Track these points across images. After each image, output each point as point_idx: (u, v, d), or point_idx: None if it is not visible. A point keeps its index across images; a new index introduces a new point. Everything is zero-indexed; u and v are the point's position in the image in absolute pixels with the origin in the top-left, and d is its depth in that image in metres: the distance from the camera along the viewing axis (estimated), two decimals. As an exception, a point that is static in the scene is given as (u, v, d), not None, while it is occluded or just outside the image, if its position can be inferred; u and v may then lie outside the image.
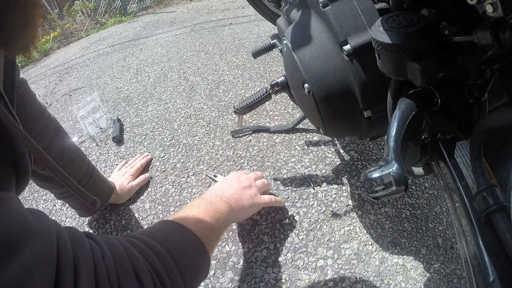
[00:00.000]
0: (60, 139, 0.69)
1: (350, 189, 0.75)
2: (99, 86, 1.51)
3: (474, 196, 0.31)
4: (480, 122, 0.30)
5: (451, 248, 0.64)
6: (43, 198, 0.97)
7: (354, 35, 0.47)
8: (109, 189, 0.80)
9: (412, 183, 0.76)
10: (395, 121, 0.36)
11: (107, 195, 0.80)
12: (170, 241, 0.41)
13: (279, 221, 0.72)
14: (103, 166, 1.01)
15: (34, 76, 1.99)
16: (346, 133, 0.67)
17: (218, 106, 1.12)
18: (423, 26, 0.34)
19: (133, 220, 0.81)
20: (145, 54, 1.74)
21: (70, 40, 2.84)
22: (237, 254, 0.68)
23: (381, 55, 0.37)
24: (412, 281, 0.59)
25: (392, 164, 0.33)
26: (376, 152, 0.84)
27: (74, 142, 0.73)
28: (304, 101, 0.59)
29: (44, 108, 0.67)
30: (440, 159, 0.37)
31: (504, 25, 0.25)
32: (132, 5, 3.32)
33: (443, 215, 0.70)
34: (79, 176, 0.72)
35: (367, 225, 0.68)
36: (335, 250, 0.65)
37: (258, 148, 0.90)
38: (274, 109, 1.03)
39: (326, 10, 0.49)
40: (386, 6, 0.49)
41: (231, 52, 1.48)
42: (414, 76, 0.34)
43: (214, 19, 2.01)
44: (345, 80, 0.51)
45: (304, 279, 0.61)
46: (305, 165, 0.82)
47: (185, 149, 0.97)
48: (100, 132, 1.16)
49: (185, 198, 0.82)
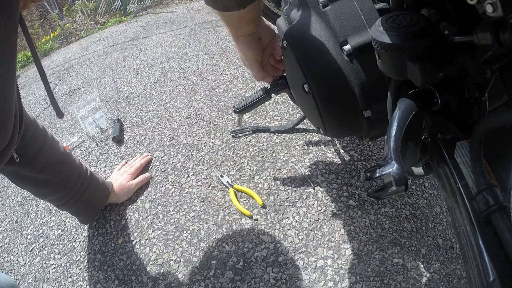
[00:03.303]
0: (49, 141, 0.70)
1: (350, 189, 0.75)
2: (99, 86, 1.51)
3: (474, 196, 0.31)
4: (480, 122, 0.30)
5: (451, 248, 0.64)
6: (43, 198, 0.97)
7: (354, 35, 0.47)
8: (106, 189, 0.81)
9: (412, 183, 0.76)
10: (395, 121, 0.36)
11: (105, 196, 0.81)
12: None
13: (279, 221, 0.72)
14: (103, 166, 1.01)
15: (34, 76, 1.99)
16: (346, 133, 0.67)
17: (218, 106, 1.12)
18: (423, 26, 0.34)
19: (133, 220, 0.81)
20: (145, 54, 1.74)
21: (70, 40, 2.84)
22: (237, 254, 0.68)
23: (381, 55, 0.37)
24: (412, 281, 0.59)
25: (392, 164, 0.32)
26: (376, 152, 0.84)
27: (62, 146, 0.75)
28: (304, 101, 0.59)
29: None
30: (440, 159, 0.37)
31: (504, 25, 0.25)
32: (132, 5, 3.32)
33: (443, 215, 0.70)
34: (74, 176, 0.72)
35: (367, 225, 0.68)
36: (335, 250, 0.65)
37: (258, 148, 0.90)
38: (274, 109, 1.03)
39: (326, 10, 0.49)
40: (386, 6, 0.49)
41: (231, 52, 1.48)
42: (414, 76, 0.34)
43: (214, 19, 2.01)
44: (345, 80, 0.50)
45: (304, 279, 0.61)
46: (305, 165, 0.82)
47: (185, 149, 0.97)
48: (100, 132, 1.16)
49: (185, 198, 0.82)
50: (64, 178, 0.70)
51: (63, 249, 0.81)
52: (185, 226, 0.76)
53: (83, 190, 0.74)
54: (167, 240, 0.74)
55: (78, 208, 0.76)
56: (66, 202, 0.73)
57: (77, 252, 0.79)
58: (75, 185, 0.72)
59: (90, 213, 0.80)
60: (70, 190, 0.71)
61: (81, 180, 0.73)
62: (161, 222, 0.78)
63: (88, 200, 0.77)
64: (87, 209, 0.79)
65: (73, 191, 0.72)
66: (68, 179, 0.71)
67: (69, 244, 0.81)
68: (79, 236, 0.82)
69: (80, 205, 0.76)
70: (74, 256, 0.78)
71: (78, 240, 0.81)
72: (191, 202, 0.81)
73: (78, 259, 0.77)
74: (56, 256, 0.80)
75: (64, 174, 0.70)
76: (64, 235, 0.84)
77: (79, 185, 0.73)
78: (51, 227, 0.87)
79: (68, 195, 0.72)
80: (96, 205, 0.80)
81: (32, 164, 0.64)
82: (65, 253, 0.80)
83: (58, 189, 0.70)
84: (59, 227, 0.86)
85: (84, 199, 0.75)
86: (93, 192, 0.77)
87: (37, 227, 0.89)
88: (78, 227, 0.84)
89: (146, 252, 0.73)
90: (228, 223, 0.74)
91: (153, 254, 0.72)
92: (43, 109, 1.48)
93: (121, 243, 0.77)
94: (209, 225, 0.74)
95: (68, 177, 0.71)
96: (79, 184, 0.73)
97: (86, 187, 0.75)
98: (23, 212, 0.96)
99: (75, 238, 0.82)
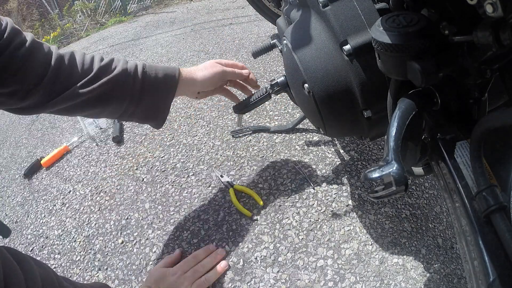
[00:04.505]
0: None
1: (350, 189, 0.75)
2: (99, 86, 1.50)
3: (474, 196, 0.31)
4: (480, 122, 0.30)
5: (451, 248, 0.64)
6: (43, 198, 0.97)
7: (354, 35, 0.47)
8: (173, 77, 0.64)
9: (412, 183, 0.76)
10: (395, 121, 0.36)
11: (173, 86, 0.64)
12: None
13: (279, 221, 0.72)
14: (103, 166, 1.01)
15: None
16: (346, 133, 0.67)
17: (218, 106, 1.12)
18: (423, 26, 0.34)
19: (133, 220, 0.81)
20: (145, 54, 1.74)
21: (70, 40, 2.84)
22: (237, 254, 0.68)
23: (381, 55, 0.37)
24: (412, 281, 0.59)
25: (392, 164, 0.32)
26: (376, 152, 0.84)
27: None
28: (304, 101, 0.59)
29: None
30: (440, 159, 0.37)
31: (504, 25, 0.25)
32: (132, 5, 3.32)
33: (443, 215, 0.70)
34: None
35: (367, 225, 0.68)
36: (335, 250, 0.65)
37: (258, 148, 0.90)
38: (274, 109, 1.03)
39: (326, 10, 0.49)
40: (386, 6, 0.49)
41: (231, 52, 1.48)
42: (414, 76, 0.34)
43: (214, 19, 2.01)
44: (345, 80, 0.51)
45: (304, 279, 0.61)
46: (305, 165, 0.82)
47: (185, 149, 0.97)
48: (100, 132, 1.16)
49: (185, 198, 0.82)
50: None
51: (63, 249, 0.81)
52: (185, 226, 0.76)
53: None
54: (167, 240, 0.74)
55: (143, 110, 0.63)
56: (127, 111, 0.61)
57: (77, 252, 0.79)
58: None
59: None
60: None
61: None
62: (161, 222, 0.78)
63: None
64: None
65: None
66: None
67: (69, 244, 0.81)
68: (79, 236, 0.82)
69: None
70: (74, 256, 0.78)
71: (78, 240, 0.81)
72: (191, 202, 0.81)
73: (78, 259, 0.77)
74: (56, 256, 0.80)
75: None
76: (64, 235, 0.84)
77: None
78: (51, 227, 0.87)
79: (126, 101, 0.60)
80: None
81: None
82: (65, 253, 0.80)
83: (121, 99, 0.59)
84: (59, 227, 0.86)
85: None
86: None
87: (37, 227, 0.89)
88: (78, 227, 0.84)
89: (146, 252, 0.73)
90: (228, 223, 0.74)
91: (153, 254, 0.72)
92: (43, 109, 1.48)
93: (121, 243, 0.77)
94: (209, 225, 0.74)
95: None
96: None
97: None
98: (23, 212, 0.96)
99: (75, 238, 0.82)
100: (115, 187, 0.92)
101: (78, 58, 0.56)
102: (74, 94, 0.54)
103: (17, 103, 0.52)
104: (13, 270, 0.38)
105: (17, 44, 0.49)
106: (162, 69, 0.63)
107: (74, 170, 1.03)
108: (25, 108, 0.53)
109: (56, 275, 0.49)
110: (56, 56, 0.53)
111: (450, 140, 0.36)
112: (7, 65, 0.48)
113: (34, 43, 0.52)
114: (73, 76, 0.54)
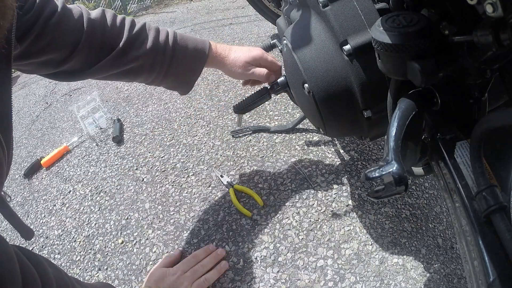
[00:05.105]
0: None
1: (350, 189, 0.75)
2: (99, 86, 1.50)
3: (474, 196, 0.31)
4: (480, 122, 0.30)
5: (451, 248, 0.64)
6: (43, 198, 0.97)
7: (354, 35, 0.47)
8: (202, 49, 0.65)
9: (412, 183, 0.76)
10: (395, 121, 0.36)
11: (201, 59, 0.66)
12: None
13: (279, 221, 0.72)
14: (103, 166, 1.01)
15: (34, 76, 1.99)
16: (346, 133, 0.67)
17: (218, 106, 1.12)
18: (423, 26, 0.34)
19: (133, 220, 0.81)
20: (145, 54, 1.74)
21: (70, 40, 2.83)
22: (237, 254, 0.68)
23: (381, 55, 0.37)
24: (412, 281, 0.59)
25: (392, 164, 0.32)
26: (376, 152, 0.84)
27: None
28: (304, 101, 0.59)
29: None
30: (440, 159, 0.37)
31: (504, 25, 0.25)
32: (132, 5, 3.32)
33: (443, 215, 0.70)
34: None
35: (367, 225, 0.68)
36: (335, 250, 0.65)
37: (258, 148, 0.90)
38: (274, 109, 1.03)
39: (326, 10, 0.49)
40: (386, 6, 0.49)
41: (231, 52, 1.48)
42: (414, 76, 0.34)
43: (214, 19, 2.01)
44: (345, 80, 0.51)
45: (304, 279, 0.61)
46: (305, 165, 0.82)
47: (185, 149, 0.97)
48: (100, 132, 1.16)
49: (185, 198, 0.82)
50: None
51: (63, 249, 0.81)
52: (185, 226, 0.76)
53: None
54: (167, 240, 0.74)
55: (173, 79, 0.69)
56: (158, 75, 0.64)
57: (77, 252, 0.79)
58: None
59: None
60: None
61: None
62: (161, 222, 0.78)
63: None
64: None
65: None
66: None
67: (69, 244, 0.81)
68: (79, 236, 0.82)
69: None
70: (74, 256, 0.78)
71: (78, 240, 0.81)
72: (191, 202, 0.81)
73: (78, 259, 0.77)
74: (56, 256, 0.80)
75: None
76: (64, 235, 0.84)
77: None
78: (51, 227, 0.87)
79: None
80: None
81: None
82: (65, 253, 0.80)
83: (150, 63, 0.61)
84: (59, 227, 0.86)
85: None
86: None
87: (37, 227, 0.89)
88: (78, 227, 0.84)
89: (146, 252, 0.73)
90: (228, 223, 0.74)
91: (153, 254, 0.72)
92: (43, 109, 1.48)
93: (121, 243, 0.77)
94: (209, 225, 0.74)
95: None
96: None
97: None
98: (23, 212, 0.96)
99: (75, 238, 0.82)
100: (115, 187, 0.92)
101: (109, 20, 0.57)
102: (107, 65, 0.56)
103: (50, 70, 0.53)
104: (31, 274, 0.38)
105: (49, 14, 0.49)
106: (193, 42, 0.64)
107: (74, 170, 1.03)
108: (58, 74, 0.55)
109: (68, 276, 0.49)
110: (87, 20, 0.54)
111: (450, 140, 0.36)
112: (40, 35, 0.48)
113: (65, 9, 0.52)
114: (105, 46, 0.56)
